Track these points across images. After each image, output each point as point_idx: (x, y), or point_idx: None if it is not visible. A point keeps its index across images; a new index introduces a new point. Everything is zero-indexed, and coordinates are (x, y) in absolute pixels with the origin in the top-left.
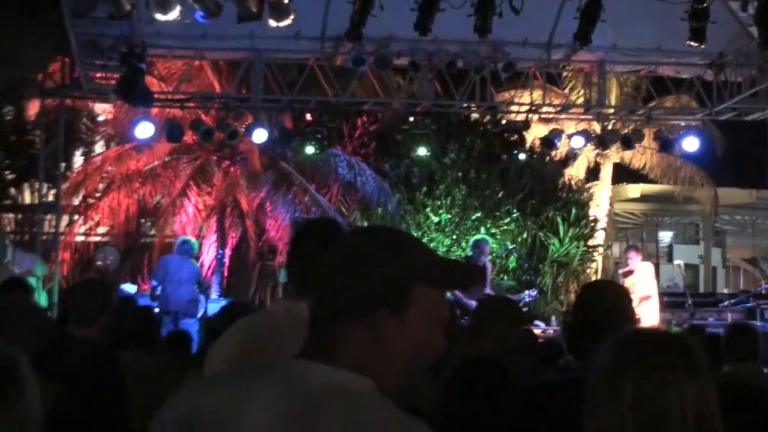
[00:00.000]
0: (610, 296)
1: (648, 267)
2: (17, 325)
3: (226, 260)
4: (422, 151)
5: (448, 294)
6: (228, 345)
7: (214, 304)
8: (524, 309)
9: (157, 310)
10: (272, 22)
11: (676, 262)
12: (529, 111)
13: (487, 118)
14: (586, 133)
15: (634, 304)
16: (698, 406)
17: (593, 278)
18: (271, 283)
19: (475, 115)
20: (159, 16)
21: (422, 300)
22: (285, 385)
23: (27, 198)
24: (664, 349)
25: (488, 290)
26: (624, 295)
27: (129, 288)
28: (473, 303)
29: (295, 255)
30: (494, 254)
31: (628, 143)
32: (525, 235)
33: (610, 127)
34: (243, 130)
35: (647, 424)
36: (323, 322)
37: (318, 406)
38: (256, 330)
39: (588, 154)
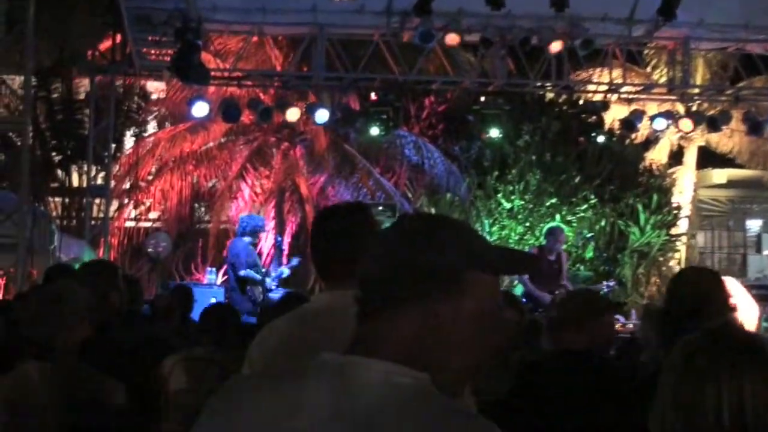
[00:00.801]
0: (705, 283)
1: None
2: (73, 312)
3: (285, 248)
4: (494, 133)
5: (521, 287)
6: (268, 343)
7: (273, 294)
8: None
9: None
10: None
11: (765, 252)
12: (608, 91)
13: (564, 98)
14: (669, 114)
15: None
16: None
17: (676, 269)
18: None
19: (550, 95)
20: None
21: (476, 285)
22: (333, 385)
23: (75, 181)
24: (748, 350)
25: (565, 281)
26: (719, 282)
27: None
28: (545, 295)
29: (317, 243)
30: (570, 243)
31: (714, 125)
32: (603, 223)
33: (695, 108)
34: (303, 109)
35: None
36: (371, 312)
37: (371, 407)
38: (297, 325)
39: (671, 136)
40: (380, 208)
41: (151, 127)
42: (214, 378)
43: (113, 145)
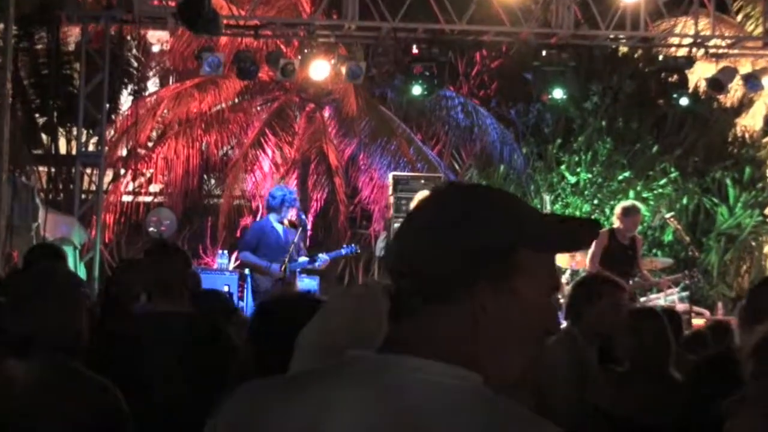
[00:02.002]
0: None
1: None
2: (59, 298)
3: (309, 227)
4: (557, 94)
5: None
6: (307, 335)
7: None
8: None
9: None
10: None
11: None
12: (693, 45)
13: (640, 53)
14: (765, 73)
15: None
16: None
17: None
18: (364, 257)
19: (624, 50)
20: None
21: (528, 266)
22: (370, 387)
23: (62, 147)
24: None
25: (642, 270)
26: None
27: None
28: None
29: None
30: (646, 224)
31: None
32: (685, 201)
33: None
34: (333, 65)
35: None
36: (408, 302)
37: (417, 411)
38: (328, 318)
39: (767, 99)
40: (422, 181)
41: (153, 84)
42: None
43: (108, 105)
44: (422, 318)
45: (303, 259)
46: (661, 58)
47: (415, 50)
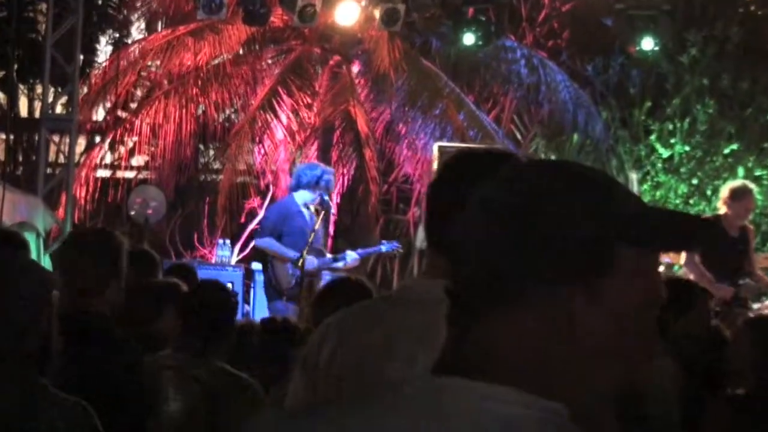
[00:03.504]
0: None
1: None
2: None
3: (333, 211)
4: (646, 45)
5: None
6: (326, 352)
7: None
8: None
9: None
10: None
11: None
12: None
13: None
14: None
15: None
16: None
17: None
18: (400, 249)
19: None
20: None
21: (626, 267)
22: (426, 420)
23: (23, 109)
24: None
25: (754, 268)
26: None
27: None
28: (724, 287)
29: (435, 207)
30: (760, 209)
31: None
32: None
33: None
34: (362, 6)
35: None
36: (473, 310)
37: None
38: (370, 328)
39: None
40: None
41: (137, 31)
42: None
43: (81, 57)
44: (489, 329)
45: (329, 257)
46: None
47: None
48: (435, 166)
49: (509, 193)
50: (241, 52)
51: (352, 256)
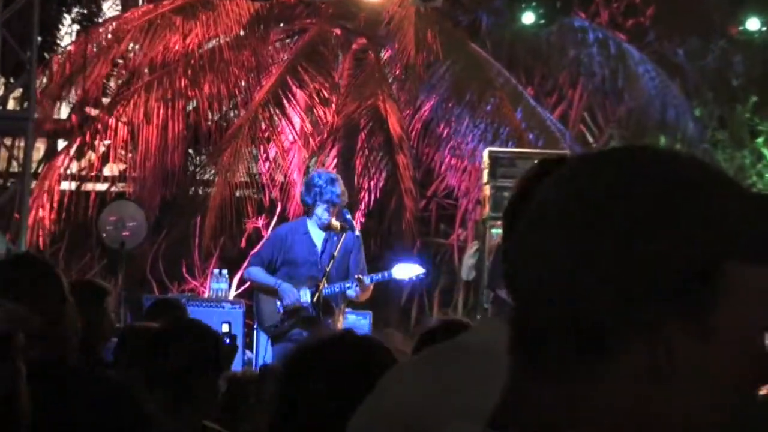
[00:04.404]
0: None
1: None
2: None
3: (358, 231)
4: (752, 25)
5: None
6: (366, 415)
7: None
8: None
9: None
10: None
11: None
12: None
13: None
14: None
15: None
16: None
17: None
18: (442, 281)
19: None
20: None
21: (739, 290)
22: None
23: None
24: None
25: None
26: None
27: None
28: None
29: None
30: None
31: None
32: None
33: None
34: None
35: None
36: (542, 355)
37: None
38: (427, 382)
39: None
40: (535, 161)
41: (111, 6)
42: None
43: (39, 40)
44: (567, 379)
45: (347, 286)
46: None
47: None
48: (485, 176)
49: (579, 210)
50: (241, 33)
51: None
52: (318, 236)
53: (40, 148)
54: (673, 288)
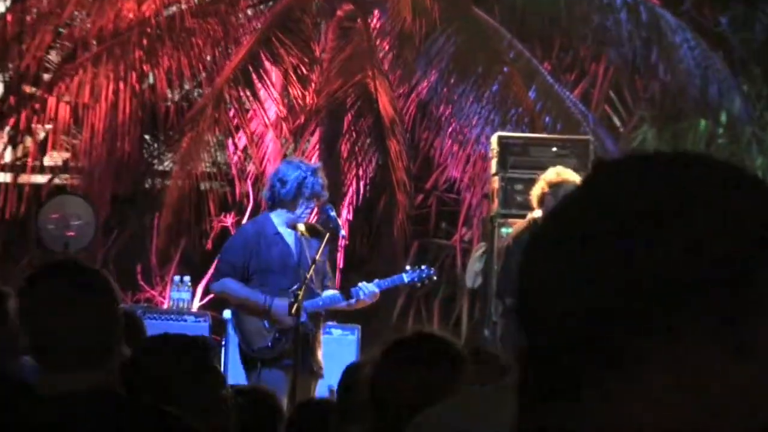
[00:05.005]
0: None
1: None
2: None
3: (344, 231)
4: None
5: None
6: None
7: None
8: None
9: None
10: None
11: None
12: None
13: None
14: None
15: None
16: None
17: None
18: (443, 290)
19: None
20: None
21: None
22: None
23: None
24: None
25: None
26: None
27: None
28: None
29: None
30: None
31: None
32: None
33: None
34: None
35: None
36: (558, 377)
37: None
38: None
39: None
40: (553, 148)
41: None
42: None
43: None
44: (581, 400)
45: (329, 293)
46: None
47: None
48: (494, 165)
49: (598, 216)
50: None
51: (368, 289)
52: (289, 236)
53: None
54: (701, 301)
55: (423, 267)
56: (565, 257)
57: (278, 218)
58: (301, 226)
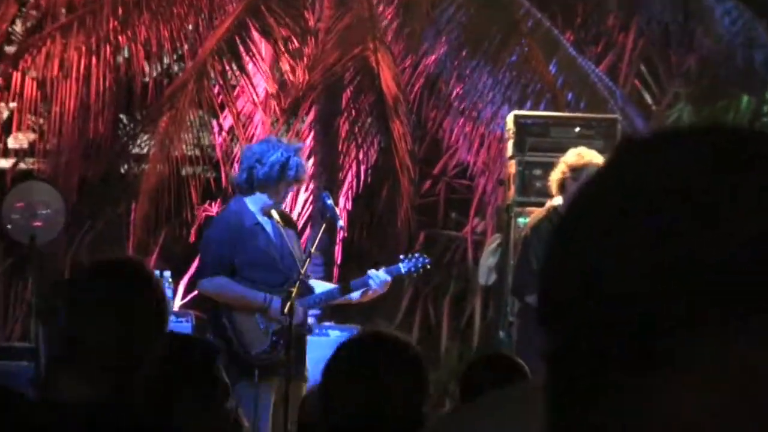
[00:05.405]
0: None
1: None
2: None
3: (342, 221)
4: None
5: None
6: None
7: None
8: None
9: None
10: None
11: None
12: None
13: None
14: None
15: None
16: None
17: None
18: (454, 285)
19: None
20: None
21: None
22: None
23: None
24: None
25: None
26: None
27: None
28: None
29: None
30: None
31: None
32: None
33: None
34: None
35: None
36: (594, 371)
37: None
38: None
39: None
40: (577, 129)
41: None
42: None
43: None
44: (615, 397)
45: (324, 286)
46: None
47: None
48: (510, 148)
49: (631, 201)
50: None
51: (380, 278)
52: (267, 225)
53: None
54: (751, 288)
55: (416, 255)
56: (595, 246)
57: (255, 205)
58: (275, 214)
